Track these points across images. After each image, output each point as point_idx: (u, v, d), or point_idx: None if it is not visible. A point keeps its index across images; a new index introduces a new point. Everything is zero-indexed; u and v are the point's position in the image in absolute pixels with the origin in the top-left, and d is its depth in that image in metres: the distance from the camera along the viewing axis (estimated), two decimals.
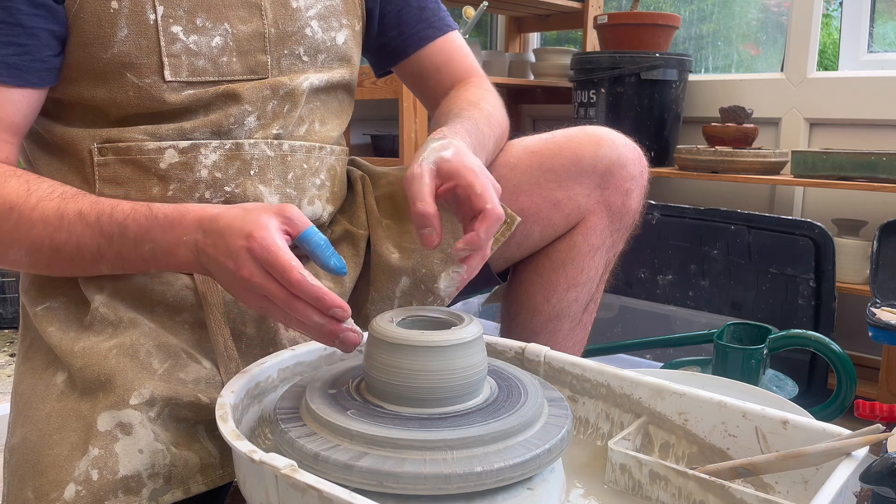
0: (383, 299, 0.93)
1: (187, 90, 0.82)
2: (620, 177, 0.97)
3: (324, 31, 0.90)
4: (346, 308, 0.67)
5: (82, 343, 0.77)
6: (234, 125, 0.84)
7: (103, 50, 0.79)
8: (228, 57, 0.83)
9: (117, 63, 0.79)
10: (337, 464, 0.59)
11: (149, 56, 0.80)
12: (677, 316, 1.86)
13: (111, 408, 0.71)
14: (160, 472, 0.70)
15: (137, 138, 0.81)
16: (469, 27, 1.98)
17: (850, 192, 1.86)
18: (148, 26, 0.79)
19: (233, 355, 0.80)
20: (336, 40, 0.91)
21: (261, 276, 0.67)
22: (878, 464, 0.64)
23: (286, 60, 0.87)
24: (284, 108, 0.86)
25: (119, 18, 0.78)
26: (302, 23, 0.88)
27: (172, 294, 0.81)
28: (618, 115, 2.06)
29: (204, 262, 0.72)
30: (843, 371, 1.22)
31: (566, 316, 1.00)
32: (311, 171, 0.90)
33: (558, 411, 0.68)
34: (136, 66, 0.80)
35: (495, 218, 0.71)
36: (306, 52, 0.88)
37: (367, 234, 0.96)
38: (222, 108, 0.83)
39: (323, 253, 0.70)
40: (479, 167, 0.75)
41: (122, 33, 0.79)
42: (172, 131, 0.82)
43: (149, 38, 0.79)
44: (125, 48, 0.79)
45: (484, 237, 0.71)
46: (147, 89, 0.80)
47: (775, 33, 2.28)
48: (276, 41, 0.86)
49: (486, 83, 1.04)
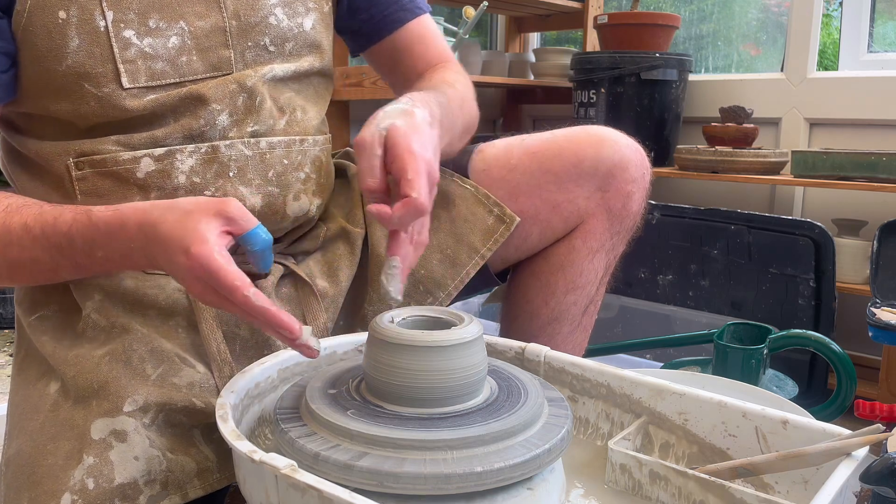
0: (382, 300, 0.92)
1: (149, 95, 0.79)
2: (622, 179, 0.95)
3: (289, 17, 0.86)
4: (294, 330, 0.65)
5: (75, 351, 0.76)
6: (205, 126, 0.81)
7: (57, 62, 0.76)
8: (188, 56, 0.80)
9: (73, 74, 0.76)
10: (337, 464, 0.59)
11: (103, 64, 0.76)
12: (677, 316, 1.86)
13: (105, 415, 0.71)
14: (156, 479, 0.70)
15: (111, 150, 0.79)
16: (469, 27, 1.97)
17: (850, 192, 1.86)
18: (99, 34, 0.76)
19: (226, 359, 0.79)
20: (304, 26, 0.88)
21: (211, 294, 0.65)
22: (878, 464, 0.64)
23: (251, 53, 0.84)
24: (256, 101, 0.83)
25: (68, 28, 0.75)
26: (265, 12, 0.84)
27: (165, 297, 0.81)
28: (618, 115, 2.06)
29: (160, 268, 0.70)
30: (843, 371, 1.22)
31: (565, 319, 1.00)
32: (294, 165, 0.87)
33: (558, 411, 0.68)
34: (92, 76, 0.77)
35: (414, 208, 0.67)
36: (272, 41, 0.85)
37: (363, 232, 0.95)
38: (190, 111, 0.81)
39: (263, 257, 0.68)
40: (422, 147, 0.70)
41: (73, 43, 0.76)
42: (145, 140, 0.80)
43: (101, 46, 0.76)
44: (79, 58, 0.76)
45: (398, 222, 0.68)
46: (107, 98, 0.77)
47: (775, 33, 2.28)
48: (239, 34, 0.83)
49: (460, 68, 1.01)
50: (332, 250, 0.93)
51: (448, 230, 0.93)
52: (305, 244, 0.92)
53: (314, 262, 0.92)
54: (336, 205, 0.98)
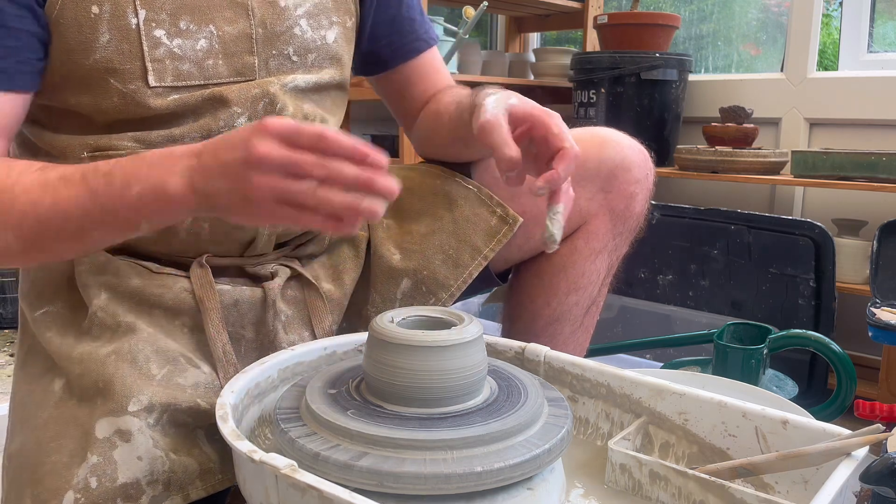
0: (384, 301, 0.92)
1: (172, 95, 0.79)
2: (625, 180, 0.96)
3: (313, 29, 0.87)
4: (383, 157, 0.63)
5: (80, 349, 0.76)
6: (224, 128, 0.81)
7: (85, 56, 0.77)
8: (214, 60, 0.81)
9: (100, 69, 0.77)
10: (337, 464, 0.59)
11: (131, 61, 0.77)
12: (677, 316, 1.86)
13: (109, 414, 0.71)
14: (159, 479, 0.70)
15: (128, 146, 0.79)
16: (469, 27, 1.97)
17: (850, 192, 1.86)
18: (130, 31, 0.77)
19: (231, 360, 0.80)
20: (326, 39, 0.89)
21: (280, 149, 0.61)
22: (878, 464, 0.64)
23: (274, 61, 0.85)
24: (276, 107, 0.84)
25: (100, 23, 0.76)
26: (291, 22, 0.85)
27: (171, 297, 0.81)
28: (618, 115, 2.06)
29: (200, 187, 0.65)
30: (843, 371, 1.22)
31: (567, 319, 1.00)
32: None
33: (558, 411, 0.68)
34: (119, 72, 0.77)
35: (573, 156, 0.75)
36: (295, 51, 0.86)
37: (367, 235, 0.95)
38: (211, 112, 0.81)
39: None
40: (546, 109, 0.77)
41: (103, 38, 0.76)
42: (162, 137, 0.80)
43: (131, 43, 0.77)
44: (107, 54, 0.77)
45: (563, 174, 0.74)
46: (131, 95, 0.78)
47: (775, 33, 2.28)
48: (264, 42, 0.84)
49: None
50: (337, 254, 0.94)
51: (451, 230, 0.93)
52: (311, 248, 0.93)
53: (319, 266, 0.92)
54: None
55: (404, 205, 0.96)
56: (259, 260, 0.87)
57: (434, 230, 0.93)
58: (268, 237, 0.86)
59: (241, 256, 0.87)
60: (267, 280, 0.86)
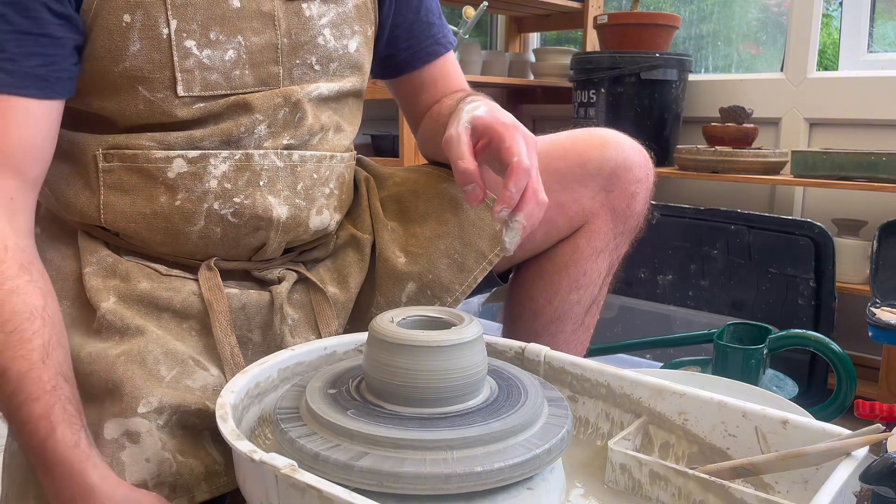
0: (389, 304, 0.92)
1: (198, 104, 0.80)
2: (626, 180, 0.97)
3: (336, 39, 0.88)
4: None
5: (88, 349, 0.76)
6: (244, 134, 0.82)
7: (114, 63, 0.77)
8: (241, 70, 0.82)
9: (129, 77, 0.78)
10: (337, 464, 0.59)
11: (161, 70, 0.78)
12: (677, 316, 1.86)
13: (118, 416, 0.71)
14: (166, 481, 0.70)
15: (145, 146, 0.80)
16: (469, 27, 1.97)
17: (850, 192, 1.86)
18: (161, 40, 0.77)
19: (239, 362, 0.80)
20: (348, 48, 0.89)
21: None
22: (878, 464, 0.64)
23: (298, 70, 0.85)
24: (295, 116, 0.85)
25: (131, 32, 0.77)
26: (314, 32, 0.86)
27: (180, 300, 0.81)
28: (618, 115, 2.06)
29: None
30: (843, 371, 1.22)
31: (568, 318, 1.00)
32: (321, 180, 0.88)
33: (558, 411, 0.68)
34: (149, 81, 0.78)
35: (523, 170, 0.75)
36: (318, 61, 0.87)
37: (372, 238, 0.95)
38: (233, 118, 0.82)
39: None
40: (510, 121, 0.79)
41: (134, 47, 0.77)
42: (182, 140, 0.80)
43: (161, 53, 0.78)
44: (137, 62, 0.77)
45: (515, 191, 0.75)
46: (158, 103, 0.79)
47: (775, 33, 2.28)
48: (289, 51, 0.84)
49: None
50: (343, 258, 0.94)
51: (456, 234, 0.94)
52: (316, 252, 0.93)
53: (325, 270, 0.93)
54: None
55: (409, 207, 0.97)
56: (266, 265, 0.88)
57: (439, 234, 0.94)
58: (277, 244, 0.86)
59: (248, 261, 0.87)
60: (274, 284, 0.87)
